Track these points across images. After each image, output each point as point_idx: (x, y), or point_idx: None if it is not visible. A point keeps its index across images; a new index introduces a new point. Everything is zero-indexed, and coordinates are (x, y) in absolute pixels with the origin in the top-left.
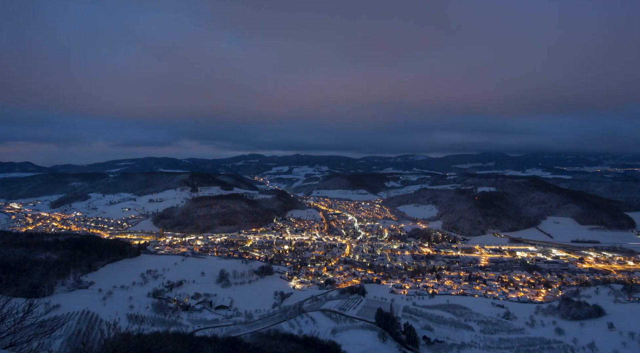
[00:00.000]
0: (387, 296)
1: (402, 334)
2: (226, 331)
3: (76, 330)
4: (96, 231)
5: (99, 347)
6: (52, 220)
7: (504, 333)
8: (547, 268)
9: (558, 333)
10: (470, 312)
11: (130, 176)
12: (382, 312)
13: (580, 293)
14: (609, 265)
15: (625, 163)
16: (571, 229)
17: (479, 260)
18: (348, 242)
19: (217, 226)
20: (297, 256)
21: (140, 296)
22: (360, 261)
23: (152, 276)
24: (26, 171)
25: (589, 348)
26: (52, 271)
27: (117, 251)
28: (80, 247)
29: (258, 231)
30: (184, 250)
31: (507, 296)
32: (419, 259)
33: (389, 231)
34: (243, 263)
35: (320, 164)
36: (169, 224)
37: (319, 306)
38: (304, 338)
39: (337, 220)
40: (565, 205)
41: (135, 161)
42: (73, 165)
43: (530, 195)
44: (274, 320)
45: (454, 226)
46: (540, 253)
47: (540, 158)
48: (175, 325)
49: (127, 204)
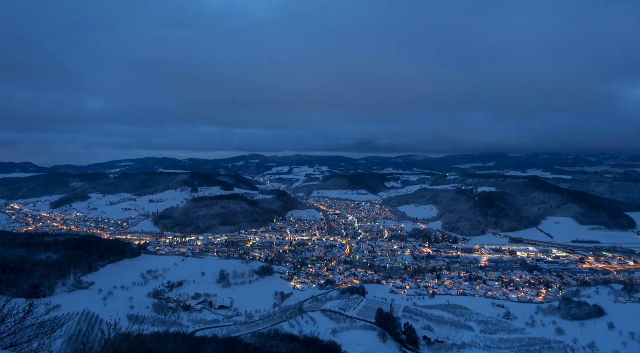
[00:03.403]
0: (387, 296)
1: (402, 334)
2: (226, 331)
3: (76, 330)
4: (96, 231)
5: (99, 347)
6: (52, 220)
7: (504, 333)
8: (547, 268)
9: (558, 333)
10: (470, 312)
11: (130, 176)
12: (382, 312)
13: (581, 293)
14: (609, 265)
15: (625, 163)
16: (571, 229)
17: (479, 260)
18: (348, 242)
19: (217, 226)
20: (297, 257)
21: (141, 297)
22: (360, 261)
23: (153, 276)
24: (26, 171)
25: (589, 348)
26: (52, 272)
27: (117, 252)
28: (80, 247)
29: (258, 231)
30: (184, 250)
31: (507, 296)
32: (419, 259)
33: (389, 231)
34: (243, 263)
35: (320, 164)
36: (169, 224)
37: (319, 307)
38: (304, 338)
39: (337, 220)
40: (565, 205)
41: (135, 161)
42: (73, 165)
43: (530, 195)
44: (274, 320)
45: (454, 226)
46: (540, 253)
47: (540, 158)
48: (176, 325)
49: (127, 205)
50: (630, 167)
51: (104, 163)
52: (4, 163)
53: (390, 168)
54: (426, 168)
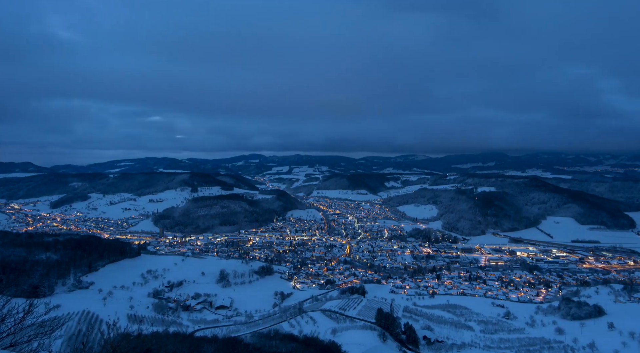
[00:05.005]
0: (387, 296)
1: (403, 334)
2: (226, 331)
3: (76, 330)
4: (96, 231)
5: (99, 347)
6: (52, 220)
7: (504, 333)
8: (547, 268)
9: (558, 333)
10: (470, 312)
11: (130, 176)
12: (382, 312)
13: (581, 293)
14: (609, 265)
15: (625, 163)
16: (571, 229)
17: (479, 260)
18: (348, 242)
19: (217, 226)
20: (297, 257)
21: (141, 297)
22: (360, 261)
23: (153, 276)
24: (26, 171)
25: (589, 348)
26: (52, 272)
27: (117, 252)
28: (80, 247)
29: (258, 231)
30: (184, 250)
31: (507, 296)
32: (419, 259)
33: (389, 231)
34: (243, 263)
35: (320, 164)
36: (169, 224)
37: (319, 307)
38: (304, 338)
39: (337, 220)
40: (566, 205)
41: (135, 161)
42: (73, 165)
43: (531, 195)
44: (274, 320)
45: (454, 226)
46: (540, 253)
47: (540, 158)
48: (176, 325)
49: (127, 205)
50: (630, 167)
51: (104, 163)
52: (4, 163)
53: (390, 168)
54: (426, 168)
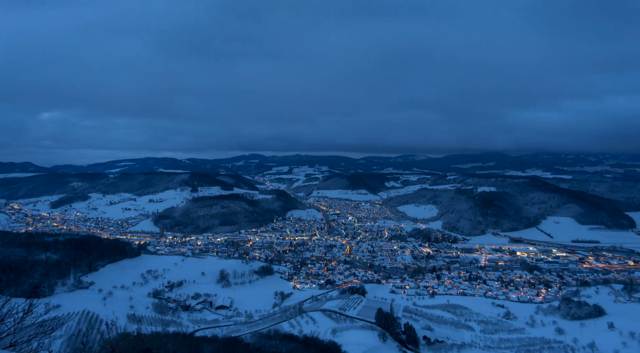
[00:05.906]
0: (387, 296)
1: (403, 334)
2: (226, 331)
3: (76, 330)
4: (96, 231)
5: (98, 347)
6: (52, 220)
7: (504, 333)
8: (547, 268)
9: (558, 333)
10: (470, 312)
11: (130, 176)
12: (382, 312)
13: (581, 293)
14: (609, 264)
15: (625, 163)
16: (571, 229)
17: (479, 260)
18: (348, 242)
19: (217, 226)
20: (297, 257)
21: (141, 297)
22: (360, 261)
23: (153, 276)
24: (26, 171)
25: (589, 348)
26: (52, 272)
27: (117, 252)
28: (80, 247)
29: (258, 231)
30: (184, 250)
31: (507, 296)
32: (419, 259)
33: (389, 231)
34: (243, 263)
35: (320, 164)
36: (169, 224)
37: (319, 307)
38: (304, 338)
39: (337, 220)
40: (566, 205)
41: (135, 161)
42: (73, 165)
43: (531, 195)
44: (274, 320)
45: (454, 226)
46: (540, 253)
47: (540, 158)
48: (176, 325)
49: (127, 205)
50: (630, 167)
51: (104, 163)
52: (4, 163)
53: (390, 168)
54: (426, 168)
